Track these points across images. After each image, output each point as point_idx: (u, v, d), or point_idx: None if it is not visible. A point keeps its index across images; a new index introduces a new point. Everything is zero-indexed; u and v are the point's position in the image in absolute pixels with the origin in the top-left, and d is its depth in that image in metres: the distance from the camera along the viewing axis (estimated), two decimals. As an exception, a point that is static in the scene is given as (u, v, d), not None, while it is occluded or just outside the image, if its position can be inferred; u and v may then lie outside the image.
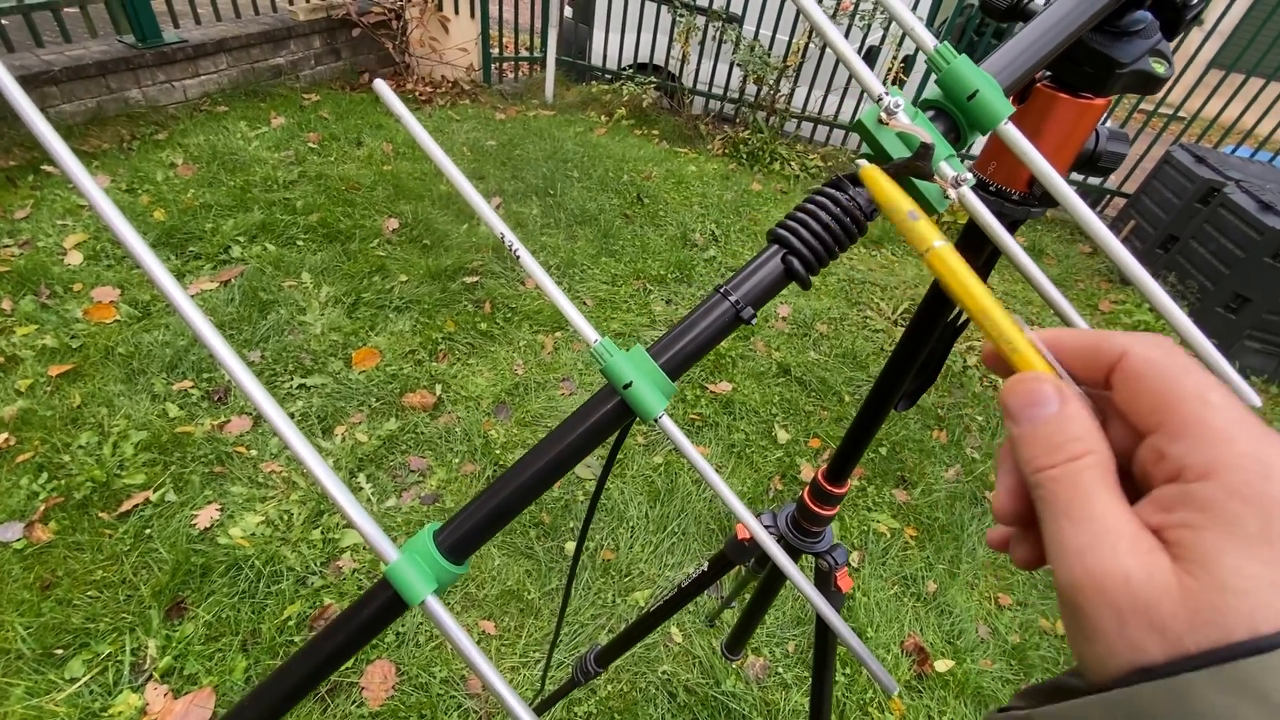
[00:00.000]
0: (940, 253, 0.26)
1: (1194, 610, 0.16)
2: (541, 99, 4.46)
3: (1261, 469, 0.17)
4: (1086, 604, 0.18)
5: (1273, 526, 0.16)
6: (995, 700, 1.62)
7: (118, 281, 2.21)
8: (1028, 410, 0.22)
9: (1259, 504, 0.16)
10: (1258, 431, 0.18)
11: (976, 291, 0.25)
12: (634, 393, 0.30)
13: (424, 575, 0.31)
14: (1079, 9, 0.30)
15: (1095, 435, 0.21)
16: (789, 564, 0.33)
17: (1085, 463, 0.20)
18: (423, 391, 2.11)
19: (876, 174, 0.28)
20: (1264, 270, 3.00)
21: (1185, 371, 0.19)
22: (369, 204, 2.89)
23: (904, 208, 0.27)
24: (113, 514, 1.60)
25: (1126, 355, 0.21)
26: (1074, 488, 0.20)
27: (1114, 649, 0.17)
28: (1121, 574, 0.17)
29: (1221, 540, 0.17)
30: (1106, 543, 0.18)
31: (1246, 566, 0.16)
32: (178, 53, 3.11)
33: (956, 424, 2.44)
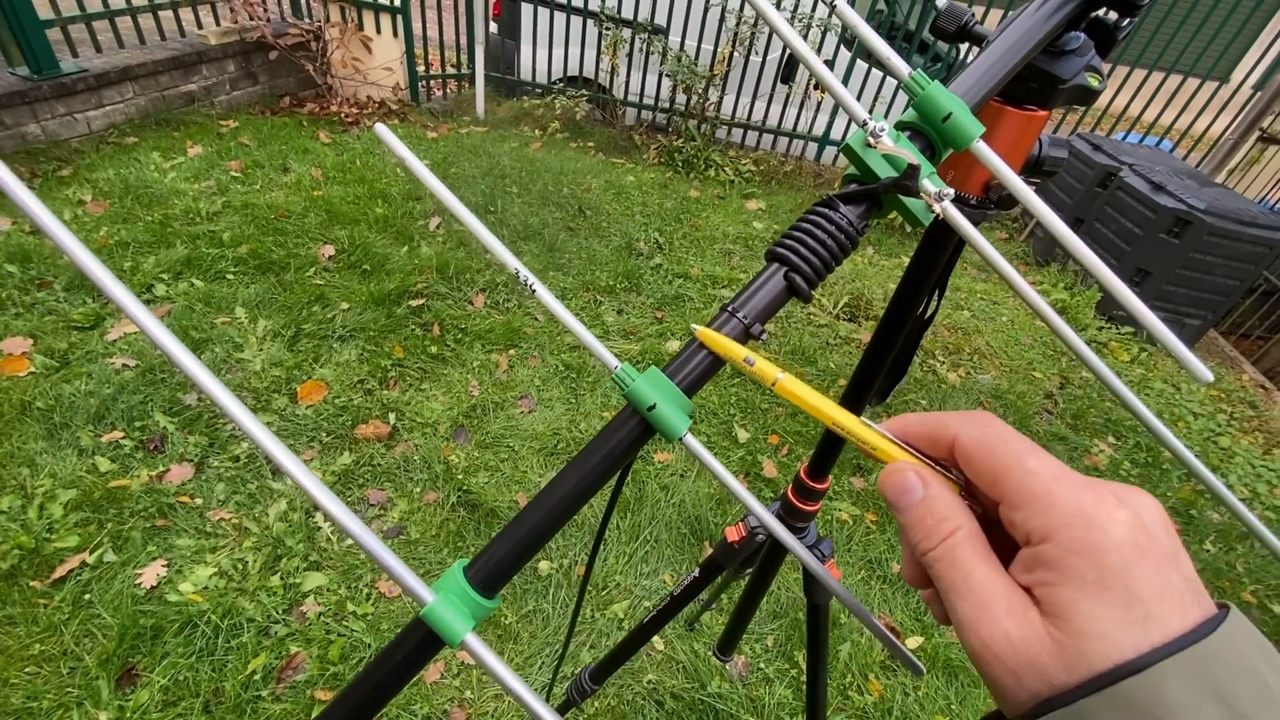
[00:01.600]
0: (784, 384, 0.30)
1: (1066, 658, 0.19)
2: (473, 116, 4.42)
3: (1083, 522, 0.20)
4: (986, 668, 0.21)
5: (1104, 572, 0.19)
6: (965, 671, 1.70)
7: (29, 330, 2.06)
8: (901, 499, 0.25)
9: (1089, 555, 0.20)
10: (1072, 486, 0.21)
11: (827, 409, 0.29)
12: (658, 414, 0.31)
13: (461, 614, 0.31)
14: (1029, 35, 0.34)
15: (959, 510, 0.24)
16: (811, 559, 0.34)
17: (956, 539, 0.23)
18: (375, 422, 2.04)
19: (711, 334, 0.31)
20: (1160, 245, 3.27)
21: (1002, 443, 0.23)
22: (301, 231, 2.79)
23: (741, 356, 0.30)
24: (45, 581, 1.48)
25: (956, 439, 0.24)
26: (954, 564, 0.23)
27: (1018, 698, 0.21)
28: (1004, 638, 0.21)
29: (1071, 593, 0.20)
30: (988, 611, 0.21)
31: (1094, 611, 0.19)
32: (78, 83, 2.92)
33: (902, 409, 2.55)
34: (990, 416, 0.25)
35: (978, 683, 1.69)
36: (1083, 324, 3.44)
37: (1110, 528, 0.20)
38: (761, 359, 0.30)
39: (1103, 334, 3.40)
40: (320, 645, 1.48)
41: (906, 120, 0.33)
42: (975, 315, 3.30)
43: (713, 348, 0.31)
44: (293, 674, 1.43)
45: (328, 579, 1.61)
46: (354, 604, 1.57)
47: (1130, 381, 3.10)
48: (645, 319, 2.77)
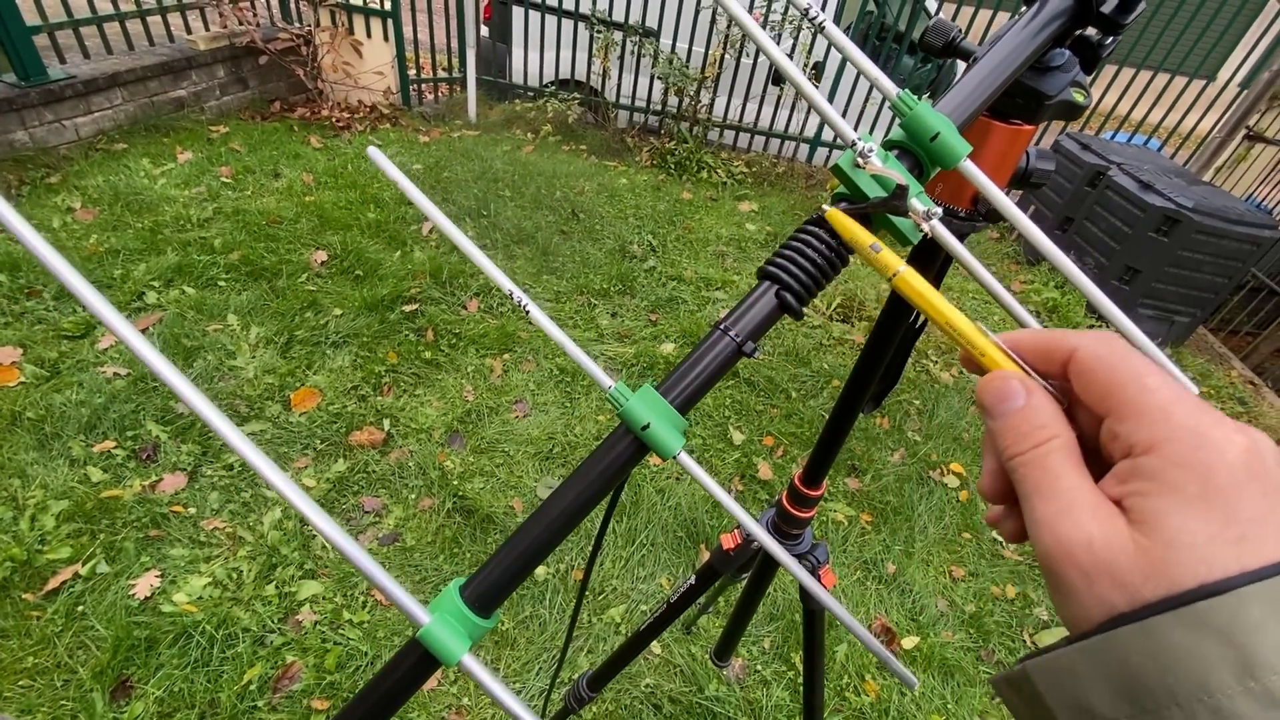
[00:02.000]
0: (905, 277, 0.29)
1: (1148, 565, 0.19)
2: (465, 119, 4.41)
3: (1195, 440, 0.20)
4: (1058, 567, 0.21)
5: (1208, 488, 0.19)
6: (961, 670, 1.70)
7: (18, 340, 2.04)
8: (999, 405, 0.25)
9: (1195, 470, 0.19)
10: (1191, 407, 0.21)
11: (942, 307, 0.28)
12: (652, 434, 0.31)
13: (457, 634, 0.31)
14: (1015, 53, 0.34)
15: (1059, 421, 0.24)
16: (807, 578, 0.35)
17: (1051, 446, 0.23)
18: (370, 428, 2.04)
19: (840, 216, 0.31)
20: (1149, 244, 3.30)
21: (1124, 361, 0.22)
22: (293, 237, 2.78)
23: (867, 242, 0.30)
24: (38, 594, 1.47)
25: (1076, 351, 0.24)
26: (1043, 468, 0.23)
27: (1086, 604, 0.20)
28: (1085, 539, 0.20)
29: (1167, 504, 0.19)
30: (1071, 513, 0.21)
31: (1189, 524, 0.19)
32: (66, 90, 2.90)
33: (897, 410, 2.56)
34: (1115, 336, 0.24)
35: (973, 682, 1.69)
36: (1074, 322, 3.47)
37: (1225, 448, 0.19)
38: (888, 249, 0.29)
39: (1094, 332, 3.42)
40: (316, 654, 1.48)
41: (895, 139, 0.33)
42: (968, 314, 3.31)
43: (839, 229, 0.31)
44: (289, 684, 1.42)
45: (323, 587, 1.60)
46: (350, 612, 1.57)
47: (1121, 379, 3.12)
48: (640, 322, 2.77)
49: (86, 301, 0.28)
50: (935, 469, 2.33)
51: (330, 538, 0.29)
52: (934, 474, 2.30)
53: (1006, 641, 1.82)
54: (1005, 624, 1.87)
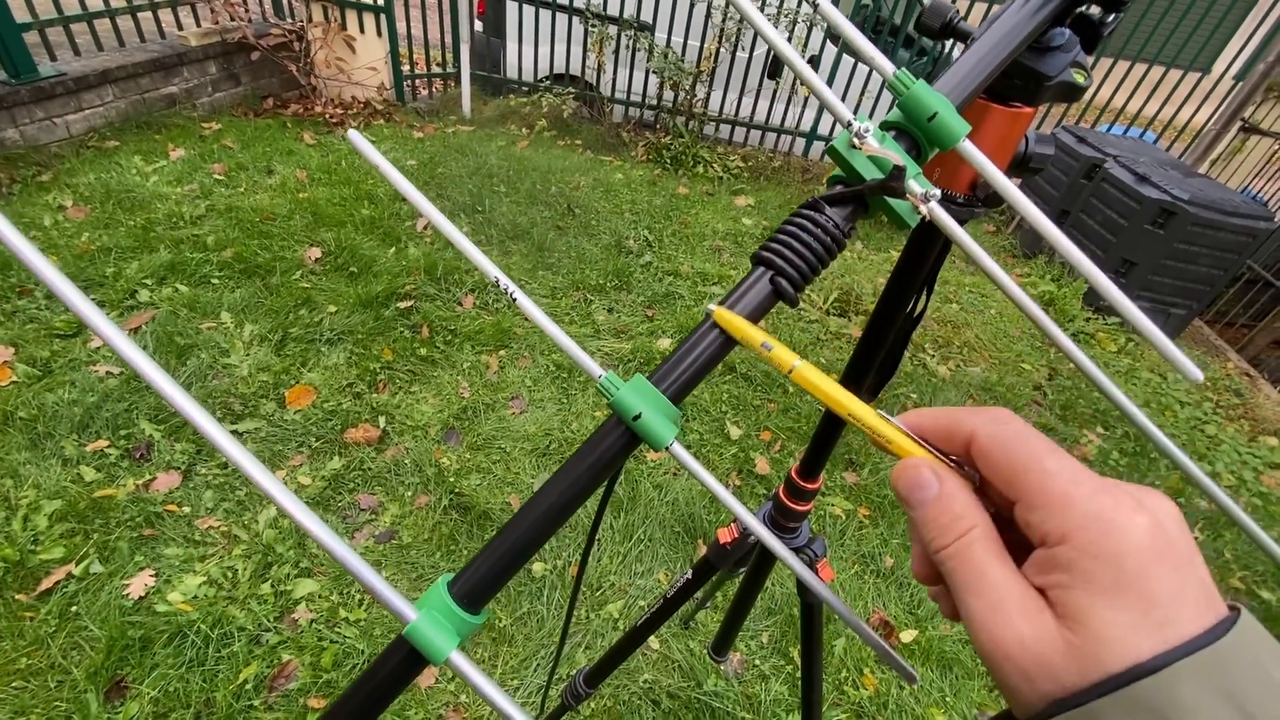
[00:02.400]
0: (801, 371, 0.29)
1: (1080, 661, 0.19)
2: (459, 114, 4.39)
3: (1101, 527, 0.20)
4: (998, 668, 0.21)
5: (1123, 576, 0.19)
6: (959, 663, 1.70)
7: (10, 339, 2.02)
8: (914, 494, 0.25)
9: (1106, 558, 0.20)
10: (1090, 490, 0.21)
11: (842, 399, 0.28)
12: (644, 424, 0.30)
13: (445, 632, 0.30)
14: (1014, 32, 0.33)
15: (974, 509, 0.24)
16: (804, 570, 0.34)
17: (971, 537, 0.23)
18: (365, 425, 2.03)
19: (727, 315, 0.31)
20: (1145, 236, 3.30)
21: (1022, 443, 0.23)
22: (287, 234, 2.76)
23: (758, 341, 0.30)
24: (31, 594, 1.46)
25: (973, 435, 0.24)
26: (967, 563, 0.23)
27: (1029, 699, 0.21)
28: (1017, 638, 0.21)
29: (1087, 597, 0.20)
30: (1002, 611, 0.21)
31: (1110, 615, 0.19)
32: (57, 87, 2.87)
33: (894, 403, 2.56)
34: (1008, 414, 0.24)
35: (972, 675, 1.69)
36: (1070, 315, 3.46)
37: (1130, 531, 0.20)
38: (779, 344, 0.29)
39: (1090, 325, 3.43)
40: (313, 652, 1.47)
41: (892, 120, 0.32)
42: (964, 308, 3.32)
43: (729, 330, 0.30)
44: (285, 682, 1.41)
45: (319, 585, 1.60)
46: (346, 610, 1.56)
47: (1117, 371, 3.12)
48: (636, 317, 2.76)
49: (68, 300, 0.27)
50: (933, 462, 2.32)
51: (314, 533, 0.29)
52: (931, 467, 2.30)
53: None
54: (1003, 617, 1.87)
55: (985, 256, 0.31)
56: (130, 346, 0.28)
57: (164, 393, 0.28)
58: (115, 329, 0.28)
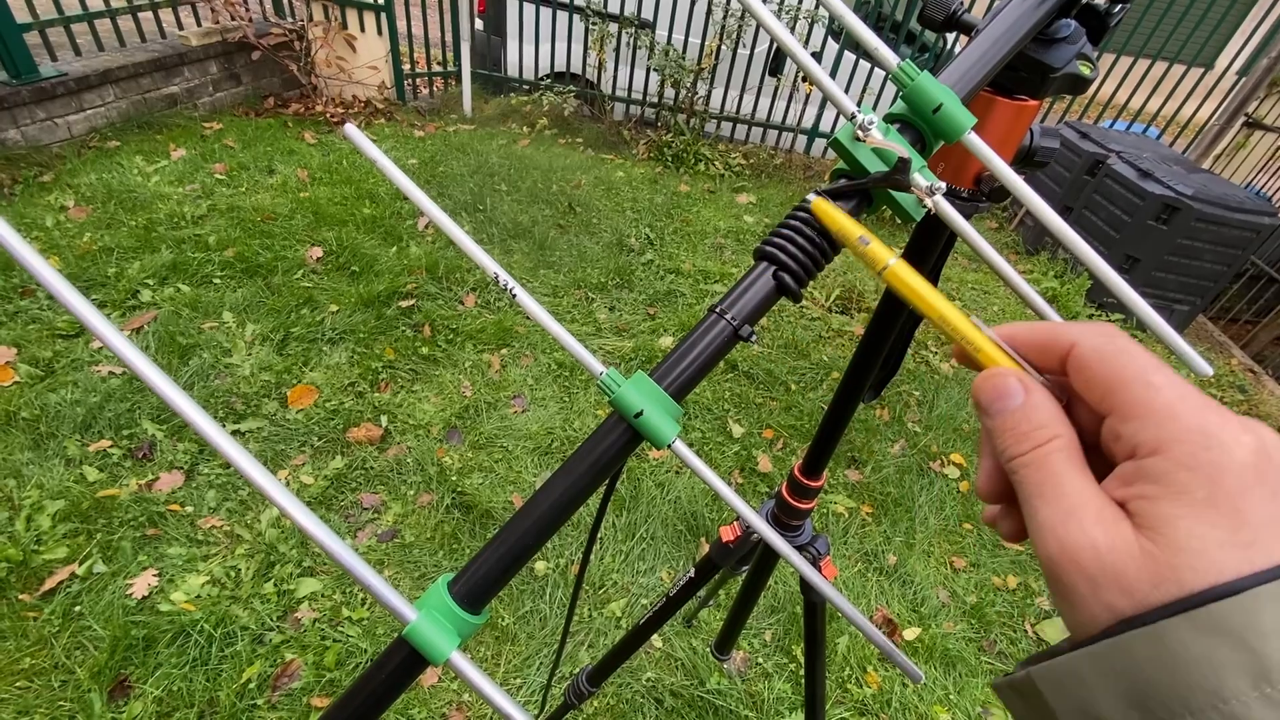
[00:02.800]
0: (895, 270, 0.28)
1: (1155, 571, 0.18)
2: (460, 113, 4.38)
3: (1203, 440, 0.19)
4: (1063, 574, 0.20)
5: (1217, 491, 0.18)
6: (963, 660, 1.70)
7: (13, 340, 2.02)
8: (996, 404, 0.24)
9: (1203, 472, 0.19)
10: (1197, 405, 0.20)
11: (935, 301, 0.27)
12: (645, 421, 0.30)
13: (445, 632, 0.30)
14: (1020, 23, 0.33)
15: (1059, 420, 0.23)
16: (806, 566, 0.34)
17: (1052, 446, 0.22)
18: (367, 424, 2.03)
19: (826, 206, 0.30)
20: (1148, 232, 3.28)
21: (1128, 357, 0.21)
22: (288, 234, 2.76)
23: (855, 234, 0.29)
24: (35, 594, 1.46)
25: (1075, 346, 0.23)
26: (1044, 470, 0.22)
27: (1092, 610, 0.19)
28: (1090, 544, 0.20)
29: (1174, 508, 0.19)
30: (1076, 518, 0.20)
31: (1197, 529, 0.18)
32: (58, 87, 2.87)
33: (896, 401, 2.55)
34: (1115, 329, 0.23)
35: (975, 672, 1.69)
36: (1073, 311, 3.45)
37: (1233, 448, 0.19)
38: (877, 240, 0.28)
39: (1093, 321, 3.42)
40: (316, 652, 1.47)
41: (896, 112, 0.32)
42: (967, 305, 3.31)
43: (825, 221, 0.30)
44: (288, 681, 1.41)
45: (322, 584, 1.60)
46: (349, 609, 1.56)
47: (1121, 368, 3.11)
48: (638, 315, 2.75)
49: (66, 302, 0.27)
50: (935, 460, 2.32)
51: (312, 533, 0.28)
52: (934, 465, 2.30)
53: (1008, 632, 1.82)
54: (1007, 614, 1.86)
55: (991, 251, 0.31)
56: (128, 346, 0.28)
57: (163, 394, 0.28)
58: (114, 330, 0.27)
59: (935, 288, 0.28)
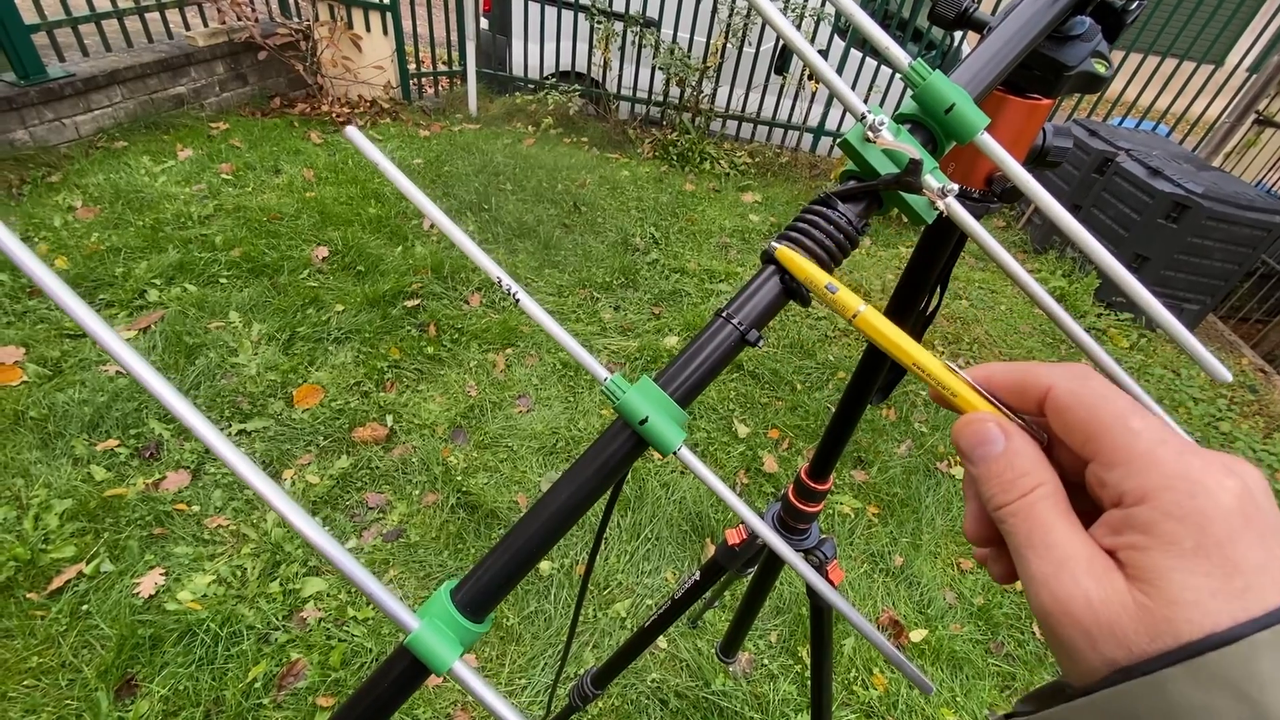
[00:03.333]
0: (866, 317, 0.28)
1: (1151, 624, 0.18)
2: (465, 113, 4.38)
3: (1188, 487, 0.19)
4: (1059, 628, 0.20)
5: (1206, 540, 0.18)
6: (969, 663, 1.69)
7: (21, 339, 2.04)
8: (978, 450, 0.24)
9: (1191, 520, 0.18)
10: (1177, 450, 0.20)
11: (908, 348, 0.27)
12: (650, 428, 0.29)
13: (448, 641, 0.29)
14: (1034, 20, 0.32)
15: (1042, 467, 0.23)
16: (809, 570, 0.33)
17: (1038, 494, 0.22)
18: (373, 424, 2.03)
19: (790, 254, 0.29)
20: (1158, 230, 3.26)
21: (1105, 401, 0.21)
22: (294, 234, 2.77)
23: (822, 283, 0.28)
24: (42, 593, 1.47)
25: (1051, 390, 0.23)
26: (1031, 520, 0.22)
27: (1090, 662, 0.19)
28: (1083, 598, 0.19)
29: (1164, 559, 0.19)
30: (1067, 569, 0.20)
31: (1190, 580, 0.18)
32: (66, 88, 2.89)
33: (903, 401, 2.54)
34: (1088, 369, 0.23)
35: (983, 675, 1.68)
36: (1081, 311, 3.43)
37: (1218, 494, 0.19)
38: (845, 288, 0.28)
39: (1101, 320, 3.39)
40: (321, 651, 1.47)
41: (907, 112, 0.31)
42: (974, 304, 3.29)
43: (792, 270, 0.29)
44: (294, 681, 1.42)
45: (327, 584, 1.60)
46: (354, 609, 1.56)
47: (1130, 368, 3.09)
48: (643, 315, 2.75)
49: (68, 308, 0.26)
50: (942, 460, 2.31)
51: (314, 541, 0.28)
52: (941, 466, 2.28)
53: (1015, 634, 1.81)
54: (1014, 616, 1.85)
55: (1004, 253, 0.30)
56: (124, 348, 0.27)
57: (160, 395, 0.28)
58: (114, 335, 0.27)
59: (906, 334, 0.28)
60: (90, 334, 0.27)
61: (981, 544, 0.26)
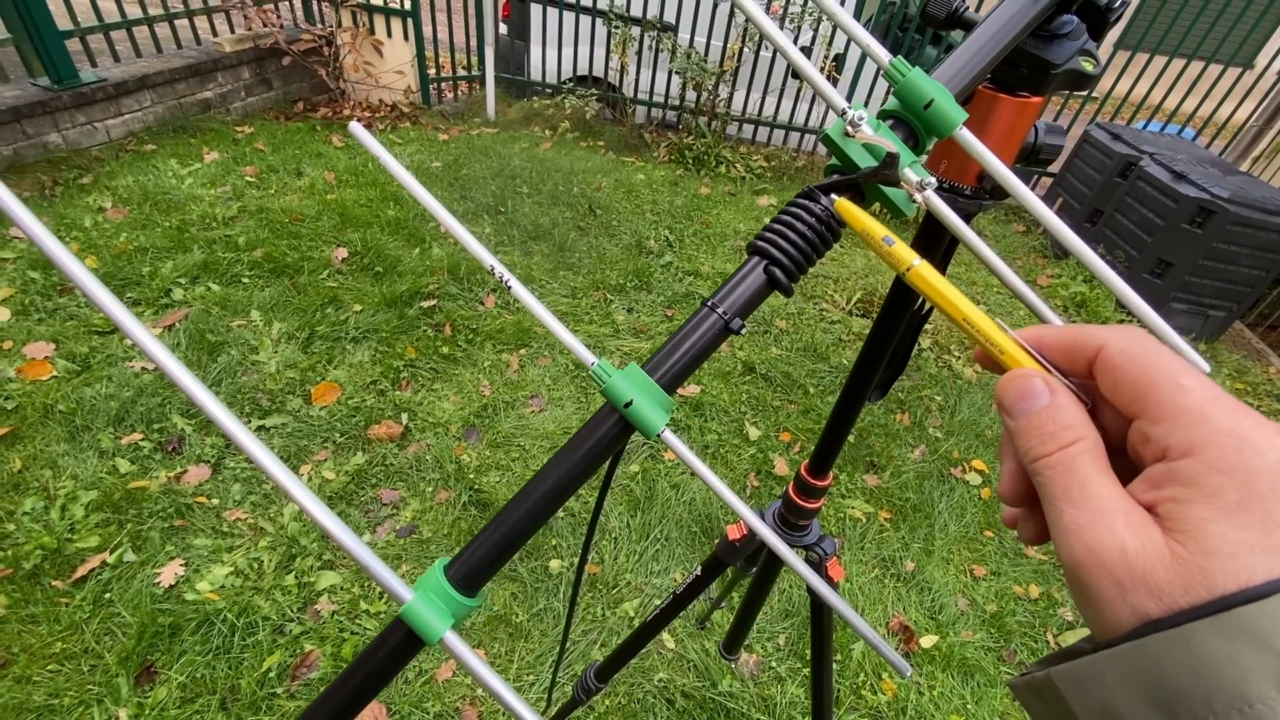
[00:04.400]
0: (920, 271, 0.28)
1: (1186, 575, 0.18)
2: (484, 117, 4.44)
3: (1235, 443, 0.19)
4: (1090, 577, 0.20)
5: (1250, 494, 0.18)
6: (981, 670, 1.67)
7: (51, 335, 2.10)
8: (1020, 404, 0.24)
9: (1236, 475, 0.18)
10: (1229, 407, 0.20)
11: (959, 303, 0.27)
12: (634, 411, 0.30)
13: (440, 612, 0.31)
14: (1016, 18, 0.33)
15: (1084, 422, 0.23)
16: (791, 555, 0.34)
17: (1078, 448, 0.22)
18: (388, 422, 2.06)
19: (850, 207, 0.30)
20: (1182, 235, 3.20)
21: (1157, 359, 0.21)
22: (315, 235, 2.82)
23: (879, 234, 0.29)
24: (67, 581, 1.51)
25: (1103, 348, 0.23)
26: (1070, 472, 0.21)
27: (1119, 613, 0.19)
28: (1118, 547, 0.19)
29: (1206, 510, 0.18)
30: (1103, 520, 0.20)
31: (1229, 532, 0.18)
32: (97, 92, 2.98)
33: (917, 406, 2.52)
34: (1143, 332, 0.23)
35: (994, 682, 1.66)
36: (1102, 316, 3.38)
37: (1266, 452, 0.18)
38: (901, 241, 0.28)
39: (1123, 327, 3.33)
40: (334, 643, 1.50)
41: (889, 109, 0.32)
42: (993, 309, 3.25)
43: (850, 220, 0.30)
44: (307, 672, 1.44)
45: (341, 578, 1.63)
46: (367, 603, 1.59)
47: (1152, 375, 3.03)
48: (656, 317, 2.76)
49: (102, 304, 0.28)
50: (957, 466, 2.28)
51: (309, 509, 0.29)
52: (955, 471, 2.26)
53: (1029, 642, 1.78)
54: (1028, 624, 1.83)
55: (982, 245, 0.31)
56: (156, 344, 0.29)
57: (187, 388, 0.29)
58: (147, 332, 0.29)
59: (958, 292, 0.28)
60: (124, 331, 0.29)
61: (1015, 502, 0.25)
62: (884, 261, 0.28)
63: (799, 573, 0.32)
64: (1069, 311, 3.43)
